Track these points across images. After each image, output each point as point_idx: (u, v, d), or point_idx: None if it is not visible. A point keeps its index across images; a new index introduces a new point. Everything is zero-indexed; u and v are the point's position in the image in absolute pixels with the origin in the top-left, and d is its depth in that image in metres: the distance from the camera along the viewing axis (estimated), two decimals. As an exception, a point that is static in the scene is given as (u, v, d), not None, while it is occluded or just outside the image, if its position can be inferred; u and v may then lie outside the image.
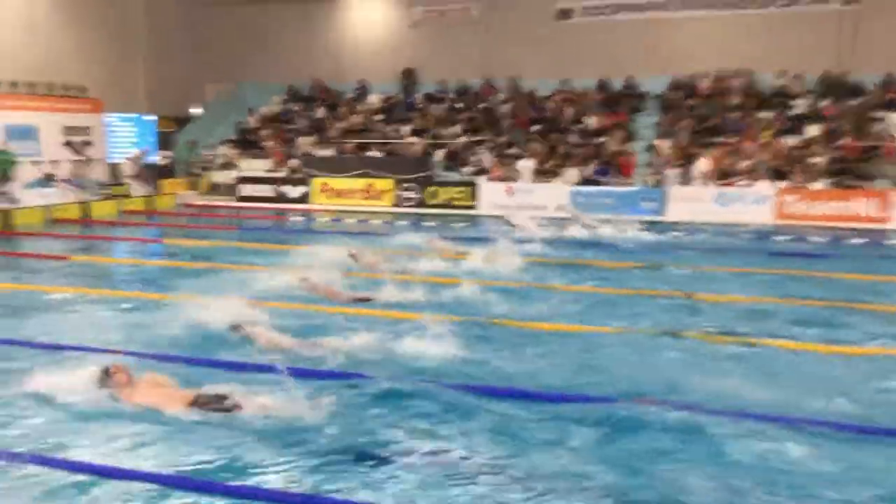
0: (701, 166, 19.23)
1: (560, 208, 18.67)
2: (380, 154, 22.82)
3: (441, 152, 22.57)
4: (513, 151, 21.62)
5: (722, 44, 22.66)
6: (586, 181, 20.07)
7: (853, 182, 18.29)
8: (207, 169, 24.25)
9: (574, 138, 21.85)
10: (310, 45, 27.20)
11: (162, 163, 24.04)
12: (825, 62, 21.49)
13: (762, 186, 18.49)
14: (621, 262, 12.15)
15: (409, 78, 25.96)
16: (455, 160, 22.22)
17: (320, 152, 23.32)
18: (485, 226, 16.57)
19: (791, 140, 19.90)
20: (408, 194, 21.07)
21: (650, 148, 20.95)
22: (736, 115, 21.14)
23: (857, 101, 20.34)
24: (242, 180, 22.70)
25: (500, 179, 20.62)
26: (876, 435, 5.32)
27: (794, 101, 21.17)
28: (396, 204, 21.08)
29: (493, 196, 20.20)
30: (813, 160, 18.80)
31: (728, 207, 18.35)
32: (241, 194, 22.38)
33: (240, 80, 27.66)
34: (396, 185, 21.18)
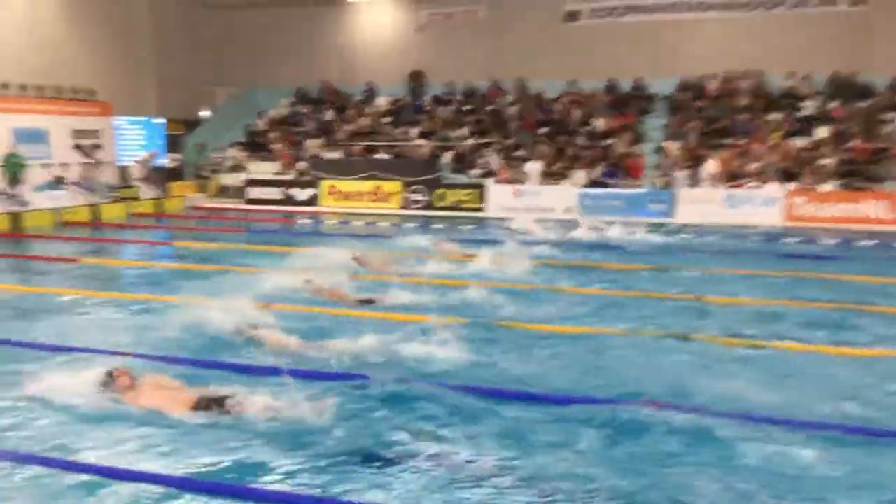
0: (709, 168, 19.17)
1: (568, 210, 18.65)
2: (387, 156, 22.84)
3: (449, 154, 22.57)
4: (520, 153, 21.60)
5: (730, 45, 22.59)
6: (594, 183, 20.04)
7: (863, 184, 18.21)
8: (216, 172, 24.32)
9: (582, 140, 21.81)
10: (318, 49, 27.26)
11: (170, 165, 24.13)
12: (834, 63, 21.40)
13: (771, 188, 18.42)
14: (629, 264, 12.12)
15: (416, 80, 25.97)
16: (463, 162, 22.22)
17: (328, 155, 23.36)
18: (491, 228, 16.54)
19: (800, 142, 19.82)
20: (415, 196, 21.08)
21: (659, 150, 20.89)
22: (744, 116, 21.07)
23: (867, 103, 20.24)
24: (251, 183, 22.75)
25: (507, 182, 20.60)
26: (886, 438, 5.28)
27: (802, 103, 21.09)
28: (404, 206, 21.09)
29: (500, 198, 20.18)
30: (822, 162, 18.72)
31: (737, 209, 18.28)
32: (250, 197, 22.43)
33: (249, 83, 27.74)
34: (404, 188, 21.20)
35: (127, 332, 7.75)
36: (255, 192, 22.42)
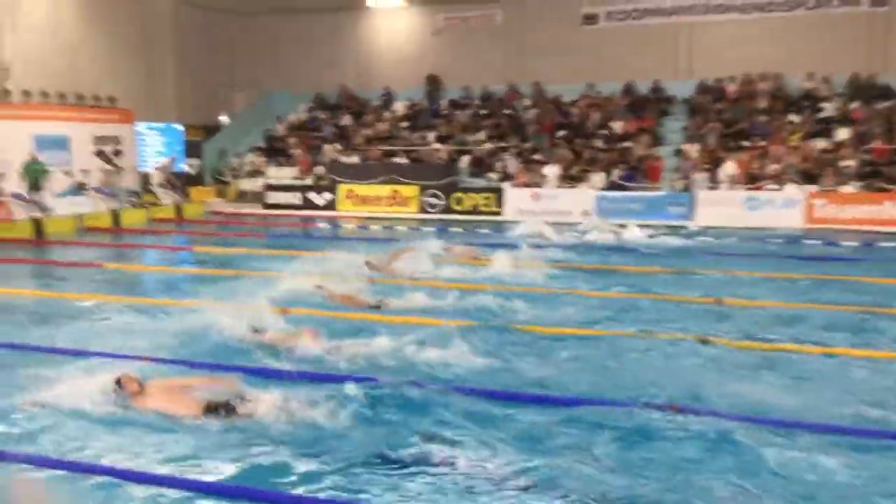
0: (727, 169, 19.06)
1: (586, 214, 18.61)
2: (405, 161, 22.89)
3: (466, 158, 22.59)
4: (538, 157, 21.57)
5: (749, 47, 22.45)
6: (613, 186, 19.96)
7: (884, 185, 18.02)
8: (236, 177, 24.47)
9: (600, 143, 21.75)
10: (336, 54, 27.40)
11: (190, 171, 24.30)
12: (853, 65, 21.22)
13: (791, 190, 18.27)
14: (648, 266, 12.06)
15: (433, 85, 26.02)
16: (480, 166, 22.23)
17: (346, 159, 23.44)
18: (506, 232, 16.50)
19: (820, 143, 19.65)
20: (433, 201, 21.10)
21: (678, 152, 20.79)
22: (764, 118, 20.93)
23: (887, 104, 20.04)
24: (269, 188, 22.88)
25: (525, 185, 20.57)
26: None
27: (822, 104, 20.91)
28: (422, 210, 21.12)
29: (518, 202, 20.15)
30: (843, 163, 18.55)
31: (757, 212, 18.13)
32: (268, 201, 22.54)
33: (267, 88, 27.92)
34: (422, 192, 21.22)
35: (146, 337, 7.80)
36: (274, 197, 22.52)
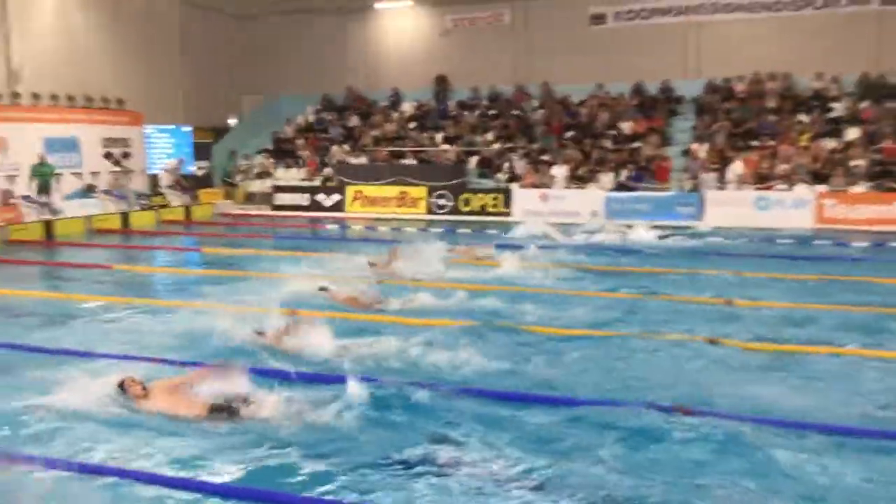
0: (735, 169, 19.00)
1: (594, 214, 18.57)
2: (413, 162, 22.90)
3: (474, 159, 22.57)
4: (546, 158, 21.54)
5: (758, 46, 22.33)
6: (621, 186, 19.92)
7: (894, 185, 17.90)
8: (244, 178, 24.52)
9: (608, 144, 21.70)
10: (344, 55, 27.40)
11: (199, 173, 24.36)
12: (863, 64, 21.10)
13: (801, 190, 18.18)
14: (657, 267, 12.01)
15: (441, 85, 26.02)
16: (488, 167, 22.21)
17: (354, 161, 23.46)
18: (510, 232, 16.47)
19: (830, 143, 19.55)
20: (441, 202, 21.09)
21: (686, 152, 20.72)
22: (773, 118, 20.84)
23: (898, 103, 19.94)
24: (277, 189, 22.92)
25: (533, 186, 20.54)
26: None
27: (832, 104, 20.81)
28: (430, 211, 21.11)
29: (526, 203, 20.12)
30: (853, 163, 18.45)
31: (767, 212, 18.05)
32: (276, 203, 22.58)
33: (276, 90, 27.96)
34: (430, 193, 21.22)
35: (154, 338, 7.84)
36: (282, 199, 22.57)
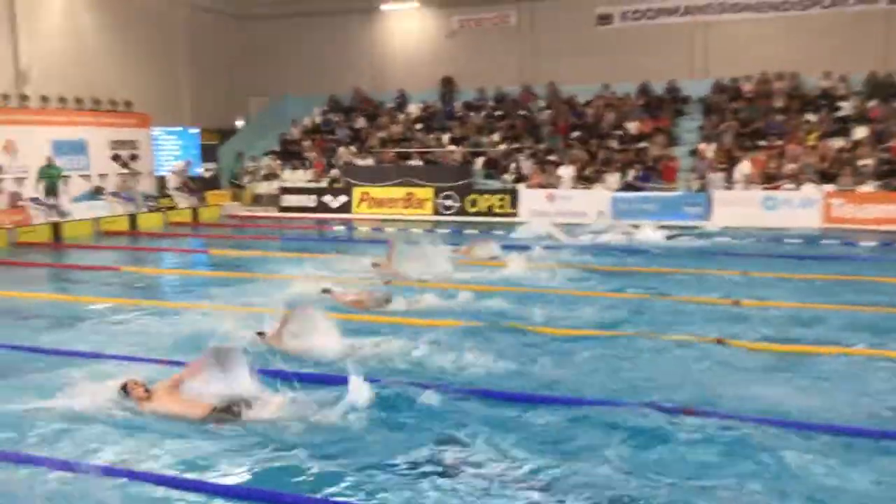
0: (742, 169, 18.95)
1: (601, 214, 18.54)
2: (419, 163, 22.90)
3: (480, 160, 22.57)
4: (553, 158, 21.52)
5: (765, 46, 22.28)
6: (628, 187, 19.89)
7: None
8: (251, 180, 24.57)
9: (615, 144, 21.66)
10: (350, 57, 27.44)
11: (206, 175, 24.42)
12: (871, 63, 21.03)
13: (809, 190, 18.12)
14: (664, 267, 11.98)
15: (447, 86, 26.03)
16: (495, 168, 22.20)
17: (361, 162, 23.48)
18: (518, 233, 16.44)
19: (838, 142, 19.47)
20: (448, 203, 21.09)
21: (693, 152, 20.67)
22: (780, 117, 20.77)
23: (906, 102, 19.85)
24: (284, 191, 22.96)
25: (539, 186, 20.53)
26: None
27: (839, 103, 20.73)
28: (436, 212, 21.11)
29: (533, 203, 20.10)
30: (861, 163, 18.37)
31: (775, 211, 17.98)
32: (283, 205, 22.62)
33: (282, 92, 28.02)
34: (436, 194, 21.22)
35: (161, 339, 7.86)
36: (289, 200, 22.62)
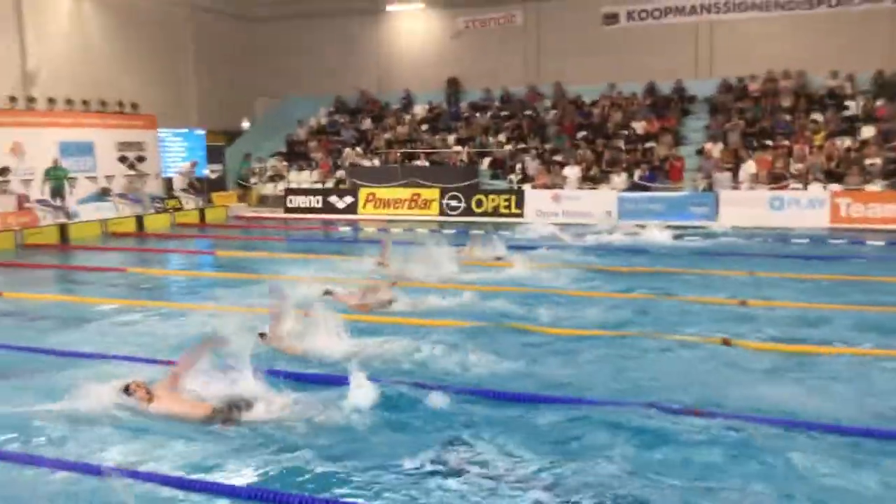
0: (748, 169, 18.90)
1: (608, 214, 18.53)
2: (425, 163, 22.90)
3: (486, 160, 22.56)
4: (559, 158, 21.49)
5: (771, 45, 22.23)
6: (634, 186, 19.85)
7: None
8: (257, 181, 24.62)
9: (621, 144, 21.63)
10: (356, 58, 27.49)
11: (212, 176, 24.47)
12: (878, 62, 20.96)
13: (816, 190, 18.06)
14: (671, 267, 11.94)
15: (453, 87, 26.04)
16: (501, 168, 22.19)
17: (366, 163, 23.50)
18: (521, 234, 16.43)
19: (845, 142, 19.40)
20: (454, 203, 21.08)
21: (700, 152, 20.63)
22: (787, 117, 20.71)
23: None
24: (290, 192, 22.99)
25: (545, 187, 20.51)
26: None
27: (846, 102, 20.66)
28: (442, 213, 21.10)
29: (539, 203, 20.08)
30: (868, 162, 18.30)
31: (781, 211, 17.92)
32: (290, 206, 22.66)
33: (288, 93, 28.07)
34: (442, 195, 21.21)
35: (167, 340, 7.86)
36: (295, 201, 22.64)
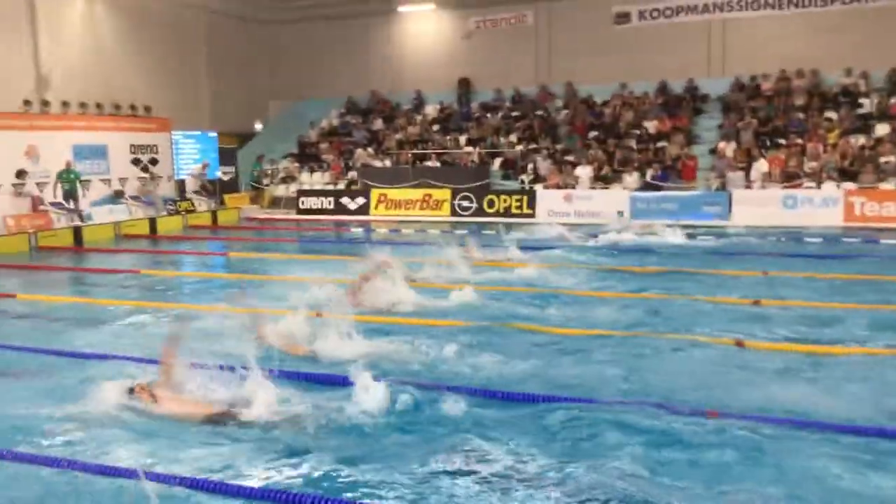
0: (760, 168, 18.81)
1: (621, 214, 18.49)
2: (437, 164, 22.91)
3: (498, 161, 22.54)
4: (570, 158, 21.45)
5: (784, 43, 22.12)
6: (646, 186, 19.78)
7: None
8: (270, 183, 24.70)
9: (633, 143, 21.56)
10: (367, 59, 27.55)
11: (225, 178, 24.56)
12: (892, 59, 20.80)
13: (830, 188, 17.94)
14: (684, 267, 11.88)
15: (464, 87, 26.04)
16: (512, 168, 22.16)
17: (378, 164, 23.53)
18: (535, 234, 16.39)
19: (859, 140, 19.26)
20: (465, 203, 21.07)
21: (713, 151, 20.53)
22: (801, 115, 20.58)
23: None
24: (302, 193, 23.05)
25: (557, 187, 20.47)
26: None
27: (861, 100, 20.52)
28: (454, 213, 21.09)
29: (550, 203, 20.04)
30: (883, 160, 18.16)
31: (795, 210, 17.82)
32: (302, 207, 22.71)
33: (301, 95, 28.15)
34: (453, 195, 21.20)
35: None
36: (307, 203, 22.71)
